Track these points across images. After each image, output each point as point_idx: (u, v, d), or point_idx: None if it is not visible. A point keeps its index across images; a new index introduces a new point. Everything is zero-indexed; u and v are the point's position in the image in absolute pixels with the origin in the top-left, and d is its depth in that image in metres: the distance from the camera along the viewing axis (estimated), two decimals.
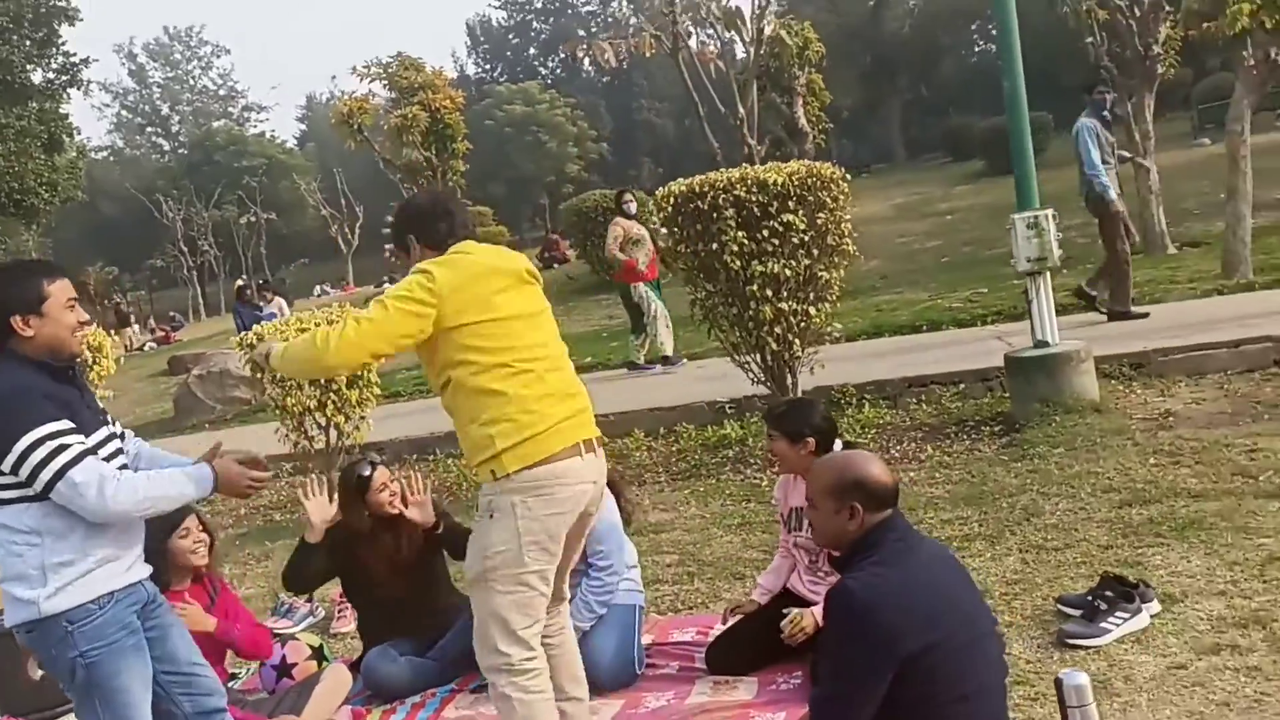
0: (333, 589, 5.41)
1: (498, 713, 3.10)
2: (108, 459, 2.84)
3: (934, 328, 10.91)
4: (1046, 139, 24.58)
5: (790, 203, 6.39)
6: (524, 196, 52.99)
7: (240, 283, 21.03)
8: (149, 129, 68.22)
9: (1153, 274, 11.22)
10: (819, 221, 6.50)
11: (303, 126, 72.68)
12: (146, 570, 2.98)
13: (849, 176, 6.74)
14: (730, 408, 8.41)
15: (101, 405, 3.07)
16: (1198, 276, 10.69)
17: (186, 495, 2.87)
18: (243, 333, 8.45)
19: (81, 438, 2.76)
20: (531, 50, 67.41)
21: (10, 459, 2.69)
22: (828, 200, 6.55)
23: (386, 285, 32.18)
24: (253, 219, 46.61)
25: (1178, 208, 15.31)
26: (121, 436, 3.04)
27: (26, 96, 20.56)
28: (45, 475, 2.69)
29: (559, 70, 64.32)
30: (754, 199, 6.38)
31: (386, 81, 13.60)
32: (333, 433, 7.62)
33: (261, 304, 17.88)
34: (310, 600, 5.39)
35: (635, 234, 10.48)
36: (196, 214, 45.89)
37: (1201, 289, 10.01)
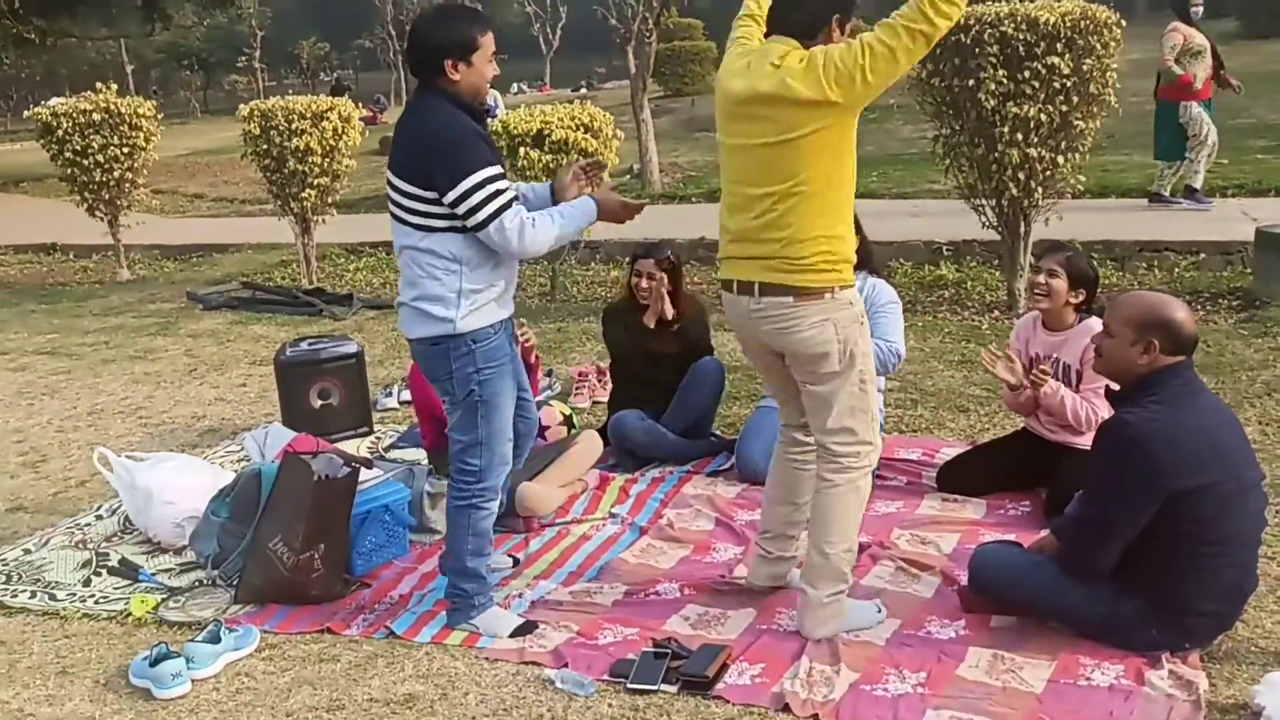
0: (572, 367, 5.85)
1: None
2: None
3: None
4: None
5: (1058, 44, 6.17)
6: (733, 11, 51.47)
7: None
8: None
9: None
10: (1084, 67, 6.27)
11: None
12: (513, 307, 3.30)
13: (1124, 24, 6.43)
14: (948, 249, 8.38)
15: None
16: None
17: (580, 228, 3.19)
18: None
19: (508, 183, 3.05)
20: None
21: (454, 193, 2.96)
22: (1097, 45, 6.29)
23: (583, 89, 32.30)
24: None
25: None
26: None
27: None
28: (481, 215, 2.97)
29: None
30: (1021, 37, 6.18)
31: None
32: None
33: None
34: (549, 374, 5.82)
35: (1197, 44, 9.11)
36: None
37: None
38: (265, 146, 8.93)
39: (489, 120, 8.25)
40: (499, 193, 2.98)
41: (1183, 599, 2.82)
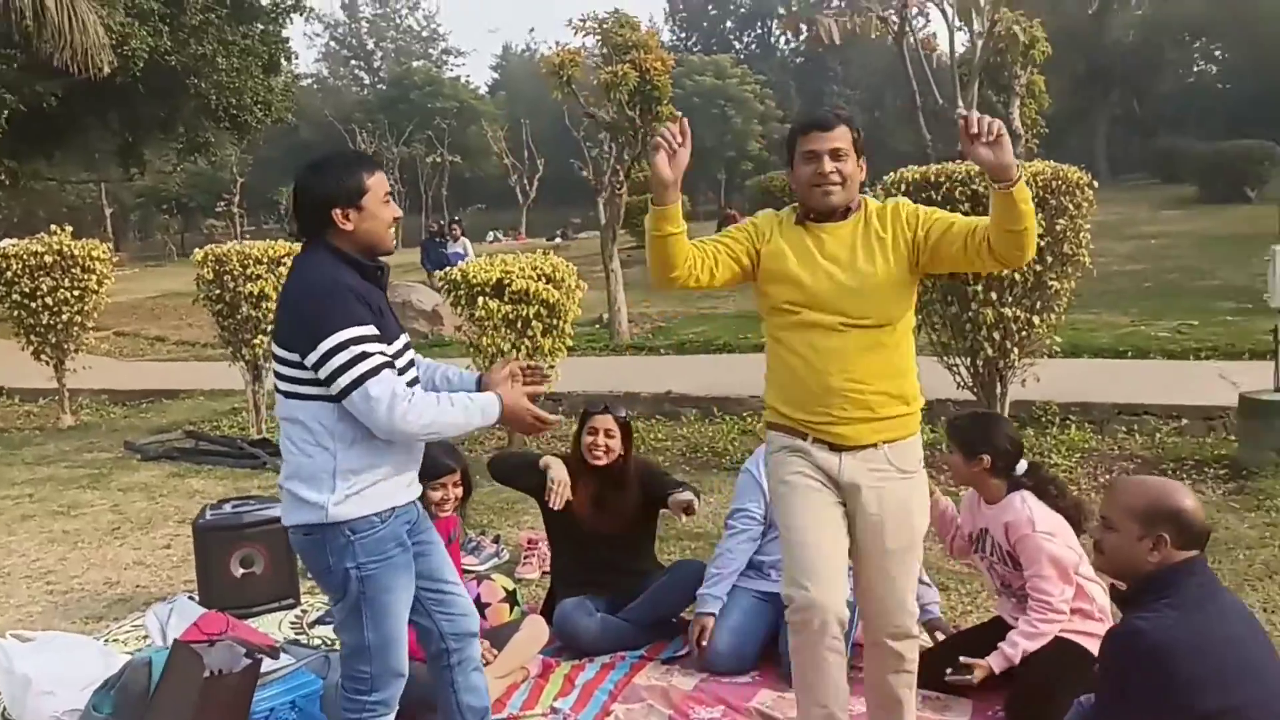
0: (522, 533, 5.43)
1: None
2: (403, 369, 2.73)
3: (1139, 355, 10.29)
4: (1272, 169, 23.09)
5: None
6: (701, 169, 52.70)
7: (433, 226, 21.54)
8: (353, 61, 70.64)
9: None
10: (1058, 227, 6.14)
11: (495, 75, 74.03)
12: (419, 490, 2.90)
13: (1095, 185, 6.33)
14: (922, 410, 8.10)
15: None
16: None
17: (472, 424, 2.74)
18: (439, 270, 8.57)
19: (384, 346, 2.65)
20: (729, 23, 66.86)
21: (314, 356, 2.60)
22: (1070, 206, 6.17)
23: (559, 239, 32.65)
24: (438, 160, 47.77)
25: None
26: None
27: (253, 17, 21.31)
28: (343, 381, 2.58)
29: (753, 46, 63.71)
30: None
31: (600, 37, 13.52)
32: None
33: (449, 242, 18.33)
34: (497, 541, 5.40)
35: None
36: (387, 149, 47.31)
37: None
38: (219, 292, 8.66)
39: (454, 266, 7.97)
40: (364, 355, 2.59)
41: None
